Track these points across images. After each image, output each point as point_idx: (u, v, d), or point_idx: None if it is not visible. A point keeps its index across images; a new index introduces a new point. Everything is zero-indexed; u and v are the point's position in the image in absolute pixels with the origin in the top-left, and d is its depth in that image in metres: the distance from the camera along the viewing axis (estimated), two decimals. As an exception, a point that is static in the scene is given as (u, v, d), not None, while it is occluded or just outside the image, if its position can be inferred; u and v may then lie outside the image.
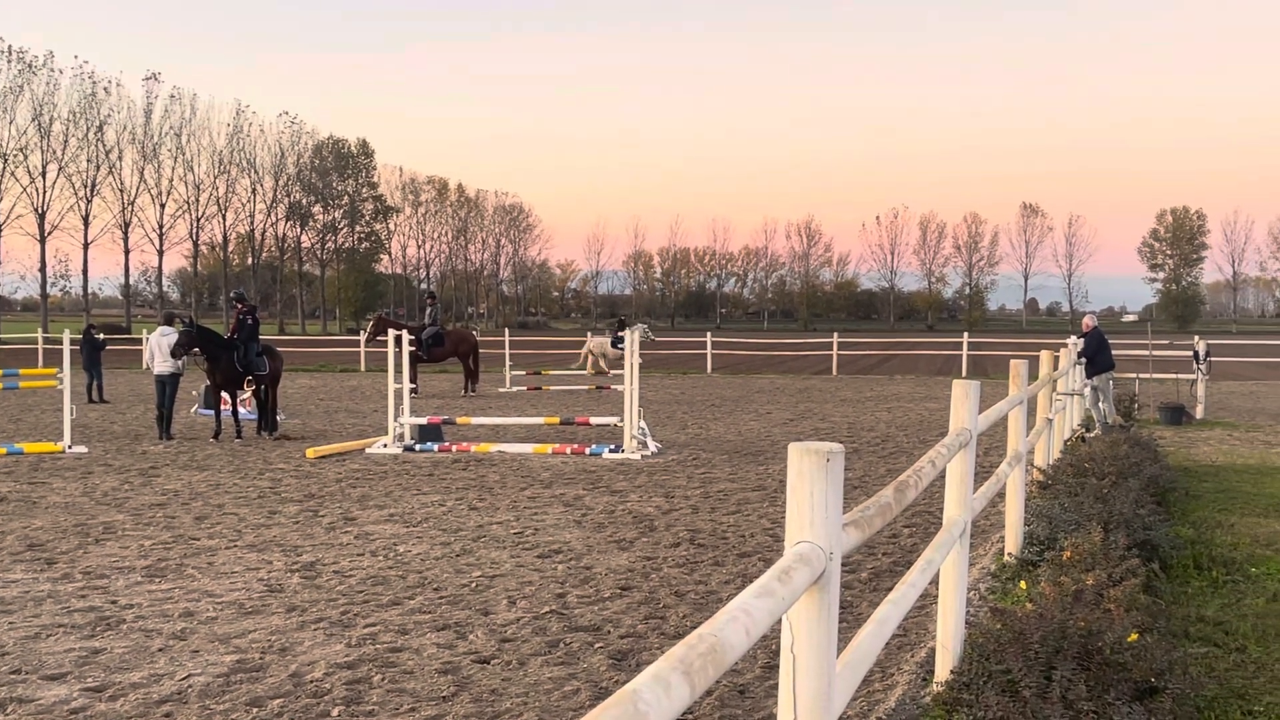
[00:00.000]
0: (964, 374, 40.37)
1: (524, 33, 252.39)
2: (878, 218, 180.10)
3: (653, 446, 17.99)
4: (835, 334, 47.10)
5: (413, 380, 26.83)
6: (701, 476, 15.46)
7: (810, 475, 3.23)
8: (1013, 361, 9.19)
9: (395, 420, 18.38)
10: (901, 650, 7.48)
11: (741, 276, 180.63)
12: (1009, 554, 9.55)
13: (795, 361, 52.04)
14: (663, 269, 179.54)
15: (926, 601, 8.20)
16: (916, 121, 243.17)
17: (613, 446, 17.78)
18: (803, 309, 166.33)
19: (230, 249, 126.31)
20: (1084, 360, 19.81)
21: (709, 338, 46.53)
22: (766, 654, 7.11)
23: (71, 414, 18.53)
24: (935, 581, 6.56)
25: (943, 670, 6.24)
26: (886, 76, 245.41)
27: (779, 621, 3.25)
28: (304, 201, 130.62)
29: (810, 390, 34.07)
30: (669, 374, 42.64)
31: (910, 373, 44.06)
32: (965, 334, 46.74)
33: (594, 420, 19.18)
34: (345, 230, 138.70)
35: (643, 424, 18.19)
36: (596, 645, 7.56)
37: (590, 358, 40.99)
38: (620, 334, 40.42)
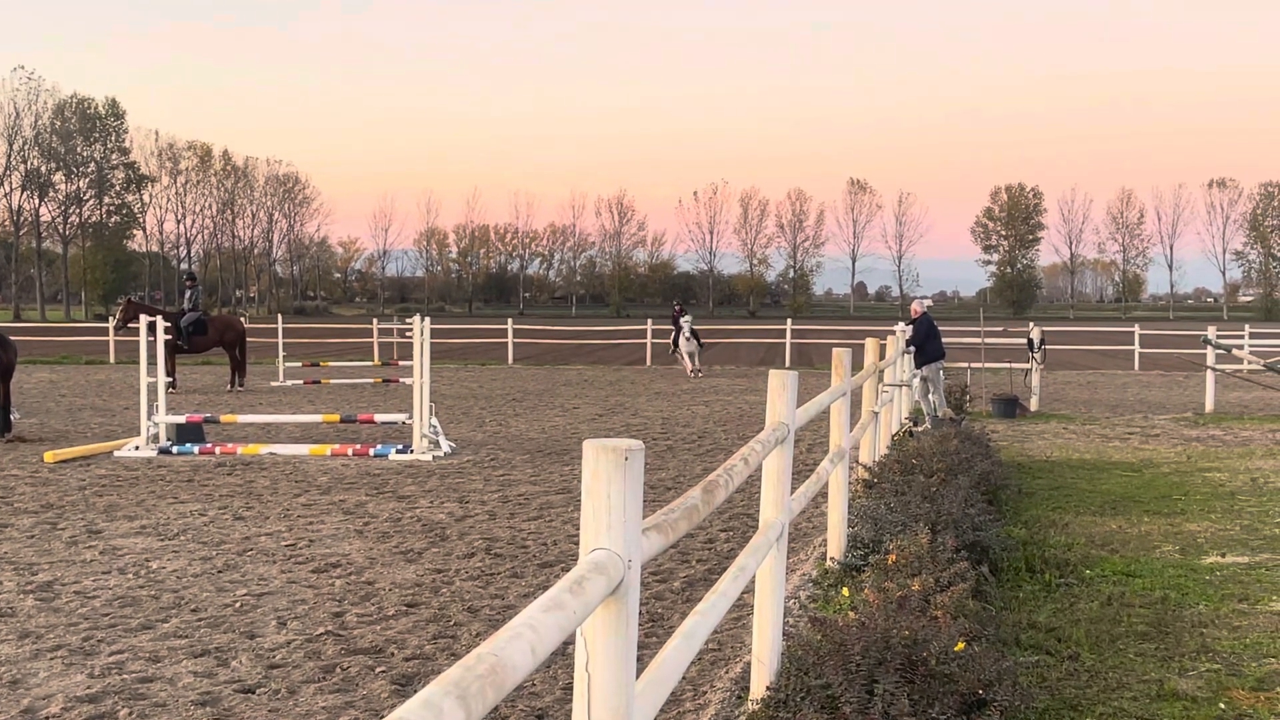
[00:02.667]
0: (787, 364, 41.15)
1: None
2: (695, 193, 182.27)
3: (446, 446, 17.88)
4: (650, 320, 47.47)
5: (170, 374, 26.15)
6: (500, 479, 15.43)
7: (607, 475, 3.24)
8: (835, 350, 9.40)
9: (149, 419, 17.87)
10: (716, 665, 7.59)
11: (547, 257, 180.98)
12: (832, 558, 9.77)
13: (606, 351, 52.36)
14: (459, 248, 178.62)
15: (743, 612, 8.33)
16: (734, 92, 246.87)
17: (400, 447, 17.61)
18: (614, 293, 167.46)
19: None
20: (913, 349, 20.38)
21: (510, 325, 46.43)
22: (569, 673, 7.13)
23: None
24: (753, 590, 6.66)
25: (759, 686, 6.34)
26: (701, 44, 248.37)
27: (575, 637, 3.26)
28: (43, 169, 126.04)
29: (622, 382, 34.31)
30: (465, 365, 42.45)
31: (730, 363, 44.74)
32: (789, 320, 47.64)
33: (379, 418, 18.98)
34: (92, 202, 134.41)
35: (434, 421, 18.06)
36: (378, 669, 7.48)
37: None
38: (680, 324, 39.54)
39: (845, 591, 8.28)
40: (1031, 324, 28.80)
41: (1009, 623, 8.27)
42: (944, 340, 21.12)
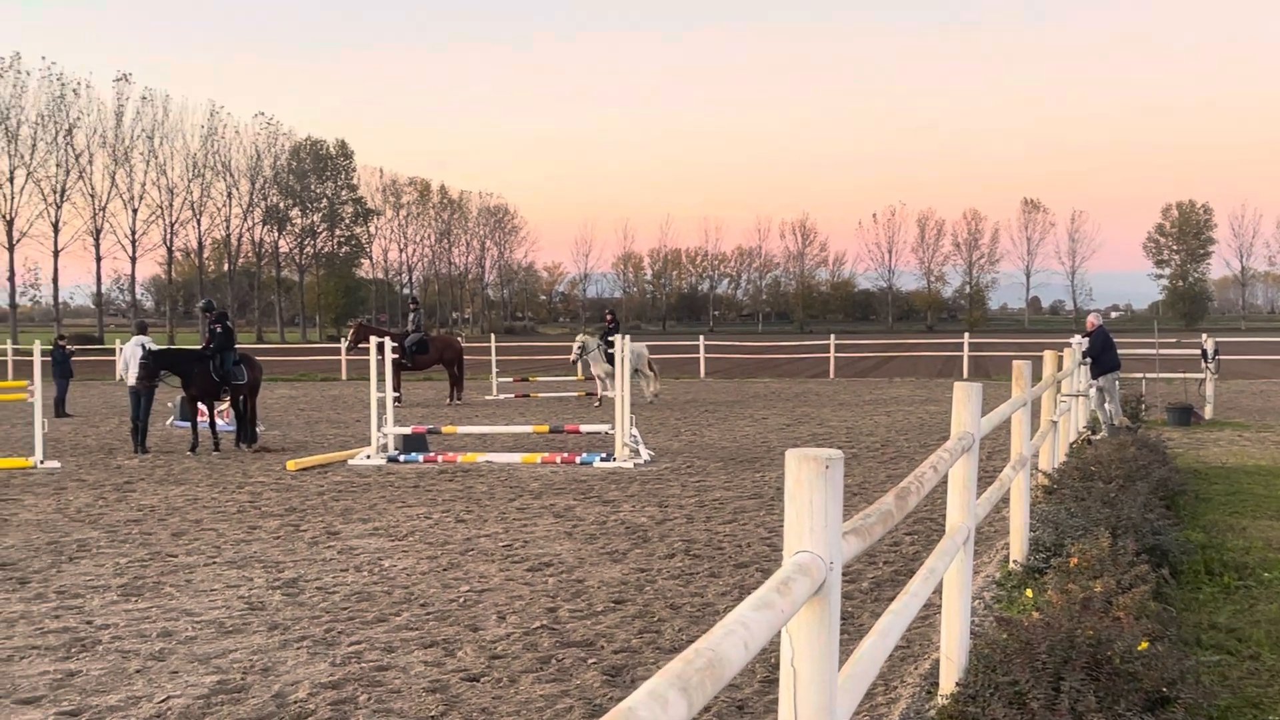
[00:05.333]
0: (965, 375, 40.40)
1: (506, 32, 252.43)
2: (874, 215, 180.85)
3: (645, 454, 17.98)
4: (832, 335, 47.11)
5: (396, 389, 26.79)
6: (696, 485, 15.45)
7: (809, 483, 3.22)
8: (1015, 362, 9.20)
9: (378, 430, 18.35)
10: (905, 662, 7.48)
11: (734, 277, 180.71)
12: (1014, 561, 9.56)
13: (791, 364, 52.05)
14: (653, 271, 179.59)
15: (930, 611, 8.20)
16: (912, 116, 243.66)
17: (604, 455, 17.77)
18: (798, 310, 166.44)
19: (205, 255, 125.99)
20: (1089, 360, 19.85)
21: (702, 341, 46.51)
22: (765, 667, 7.10)
23: (43, 428, 18.44)
24: (939, 590, 6.56)
25: (947, 682, 6.23)
26: (879, 72, 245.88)
27: (778, 634, 3.25)
28: (281, 205, 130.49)
29: (807, 394, 34.09)
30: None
31: (910, 375, 44.09)
32: (966, 334, 46.76)
33: (584, 428, 19.13)
34: (324, 234, 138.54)
35: (634, 431, 18.17)
36: (589, 661, 7.55)
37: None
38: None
39: (1029, 592, 8.10)
40: (1204, 335, 27.78)
41: (1190, 624, 7.99)
42: (1119, 352, 20.52)
